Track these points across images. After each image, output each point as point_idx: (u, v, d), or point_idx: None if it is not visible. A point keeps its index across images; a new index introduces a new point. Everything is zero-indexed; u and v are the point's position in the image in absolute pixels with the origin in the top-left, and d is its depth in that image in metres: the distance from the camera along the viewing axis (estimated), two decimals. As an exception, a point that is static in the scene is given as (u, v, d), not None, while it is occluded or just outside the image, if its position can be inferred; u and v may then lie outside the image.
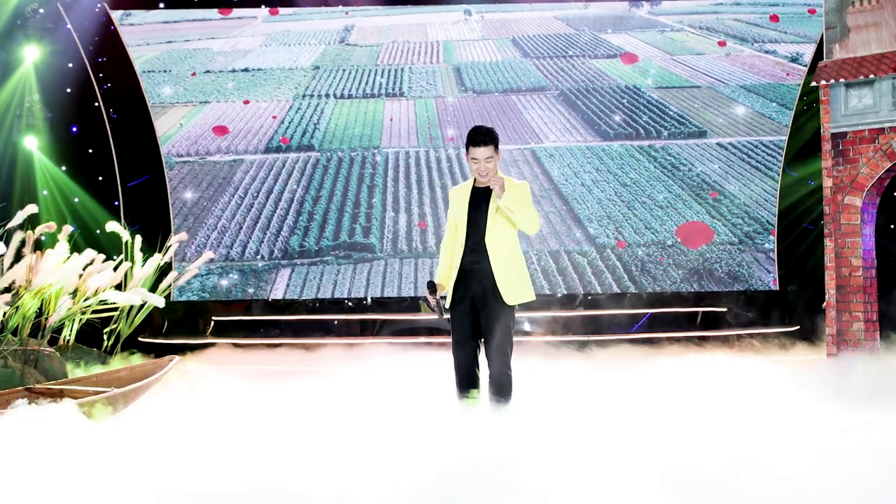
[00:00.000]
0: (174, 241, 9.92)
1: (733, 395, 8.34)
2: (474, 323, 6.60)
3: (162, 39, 14.01)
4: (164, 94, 13.87)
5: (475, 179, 6.62)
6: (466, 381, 6.60)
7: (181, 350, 12.06)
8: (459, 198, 6.68)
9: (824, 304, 9.72)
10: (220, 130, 13.71)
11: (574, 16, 14.09)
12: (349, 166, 13.79)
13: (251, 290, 13.48)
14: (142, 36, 13.94)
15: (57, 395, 6.77)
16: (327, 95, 14.07)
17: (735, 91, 13.64)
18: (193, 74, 13.90)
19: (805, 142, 13.38)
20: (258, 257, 13.54)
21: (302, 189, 13.71)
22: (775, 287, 13.30)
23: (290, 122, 13.90)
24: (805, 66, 13.39)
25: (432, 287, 6.56)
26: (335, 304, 13.54)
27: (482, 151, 6.41)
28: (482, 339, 6.65)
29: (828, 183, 9.53)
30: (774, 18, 13.52)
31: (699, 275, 13.28)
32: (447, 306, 6.66)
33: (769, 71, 13.60)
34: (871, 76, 9.10)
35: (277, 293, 13.48)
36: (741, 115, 13.57)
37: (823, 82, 9.45)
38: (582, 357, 11.43)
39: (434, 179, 13.69)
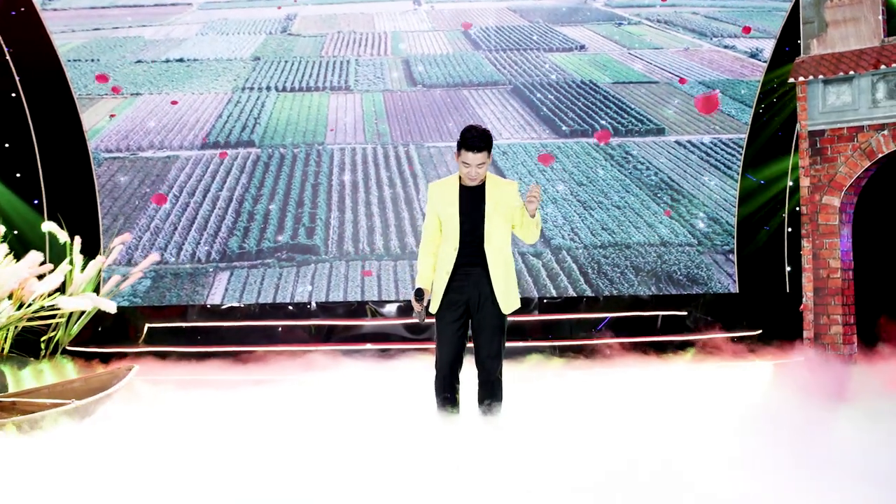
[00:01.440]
0: (117, 242, 9.71)
1: (700, 401, 8.45)
2: (463, 328, 6.58)
3: (88, 26, 13.68)
4: (92, 84, 13.53)
5: (460, 177, 6.58)
6: (450, 388, 6.61)
7: (110, 359, 11.80)
8: (447, 197, 6.60)
9: (801, 306, 9.86)
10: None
11: (528, 7, 14.10)
12: (292, 163, 13.61)
13: (187, 295, 13.21)
14: (66, 22, 13.58)
15: (9, 408, 6.52)
16: (268, 88, 13.88)
17: (694, 87, 13.77)
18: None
19: (765, 141, 13.56)
20: (194, 260, 13.27)
21: (241, 187, 13.49)
22: (735, 290, 13.46)
23: (228, 116, 13.67)
24: (765, 62, 13.58)
25: (420, 294, 6.50)
26: (277, 310, 13.33)
27: (476, 157, 6.40)
28: (464, 346, 6.65)
29: (805, 182, 9.67)
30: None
31: (657, 277, 13.38)
32: (433, 310, 6.61)
33: (728, 66, 13.77)
34: (851, 73, 9.25)
35: (215, 298, 13.24)
36: (700, 113, 13.71)
37: (801, 79, 9.58)
38: (543, 362, 11.47)
39: (381, 177, 13.58)
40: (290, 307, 13.34)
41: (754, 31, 13.73)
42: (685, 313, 13.41)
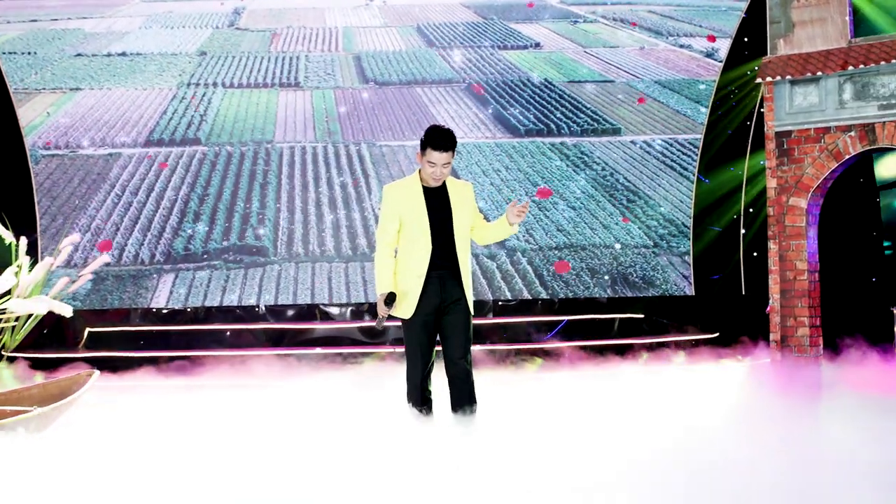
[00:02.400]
0: (66, 242, 9.47)
1: (669, 403, 8.52)
2: (434, 332, 6.59)
3: (25, 17, 13.43)
4: (29, 78, 13.25)
5: (421, 178, 6.55)
6: (426, 392, 6.59)
7: (49, 365, 11.57)
8: (411, 199, 6.56)
9: (768, 308, 9.96)
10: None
11: (482, 3, 14.10)
12: (239, 162, 13.45)
13: (129, 298, 12.97)
14: (1, 13, 13.34)
15: (-36, 417, 6.32)
16: (215, 84, 13.71)
17: (650, 86, 13.88)
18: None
19: (721, 142, 13.70)
20: (138, 261, 13.05)
21: (187, 186, 13.30)
22: (691, 292, 13.57)
23: (173, 113, 13.47)
24: (720, 61, 13.71)
25: (393, 299, 6.44)
26: (224, 313, 13.14)
27: (443, 156, 6.42)
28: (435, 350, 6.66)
29: (772, 183, 9.78)
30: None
31: (613, 279, 13.45)
32: (406, 316, 6.55)
33: (684, 66, 13.90)
34: (818, 73, 9.37)
35: (159, 301, 13.01)
36: (655, 112, 13.82)
37: (769, 79, 9.69)
38: (504, 366, 11.48)
39: (332, 177, 13.48)
40: (238, 310, 13.16)
41: (710, 30, 13.88)
42: (642, 316, 13.49)
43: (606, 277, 13.43)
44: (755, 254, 13.47)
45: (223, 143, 13.47)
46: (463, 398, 6.55)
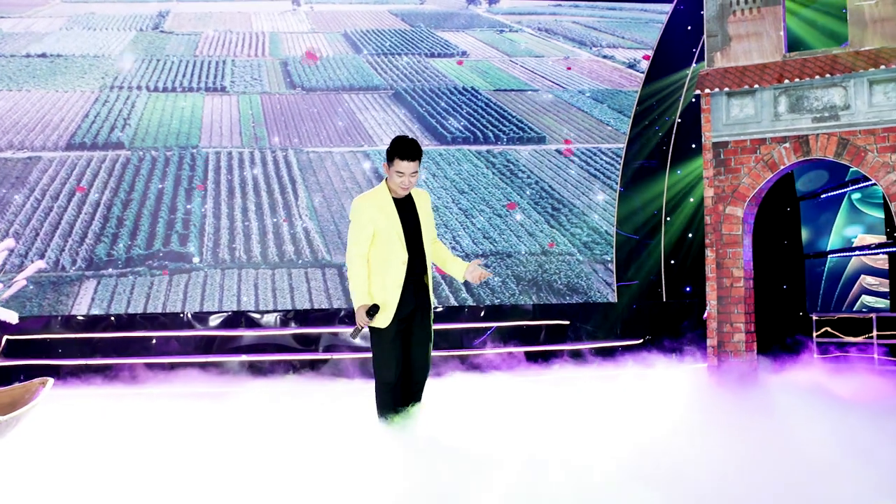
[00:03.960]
0: (2, 248, 9.24)
1: (603, 410, 8.64)
2: (404, 339, 6.65)
3: (-62, 16, 13.05)
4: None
5: (389, 189, 6.59)
6: (397, 398, 6.62)
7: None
8: (384, 211, 6.61)
9: (705, 314, 10.22)
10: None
11: (409, 11, 14.17)
12: (164, 167, 13.26)
13: (50, 305, 12.68)
14: (-87, 11, 12.94)
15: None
16: (139, 87, 13.49)
17: (574, 96, 14.11)
18: None
19: (644, 154, 13.97)
20: (58, 268, 12.76)
21: (110, 191, 13.06)
22: (613, 299, 13.82)
23: (95, 116, 13.21)
24: (642, 72, 14.00)
25: (375, 310, 6.47)
26: (148, 320, 12.92)
27: (411, 165, 6.48)
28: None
29: (709, 193, 10.04)
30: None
31: (538, 286, 13.62)
32: (384, 325, 6.58)
33: (607, 76, 14.18)
34: (755, 86, 9.67)
35: (81, 308, 12.74)
36: (580, 122, 14.05)
37: (707, 90, 9.95)
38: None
39: (259, 183, 13.38)
40: (163, 318, 12.95)
41: (632, 41, 14.18)
42: (567, 323, 13.68)
43: (531, 285, 13.60)
44: (672, 262, 13.81)
45: (147, 148, 13.27)
46: (414, 399, 6.66)
